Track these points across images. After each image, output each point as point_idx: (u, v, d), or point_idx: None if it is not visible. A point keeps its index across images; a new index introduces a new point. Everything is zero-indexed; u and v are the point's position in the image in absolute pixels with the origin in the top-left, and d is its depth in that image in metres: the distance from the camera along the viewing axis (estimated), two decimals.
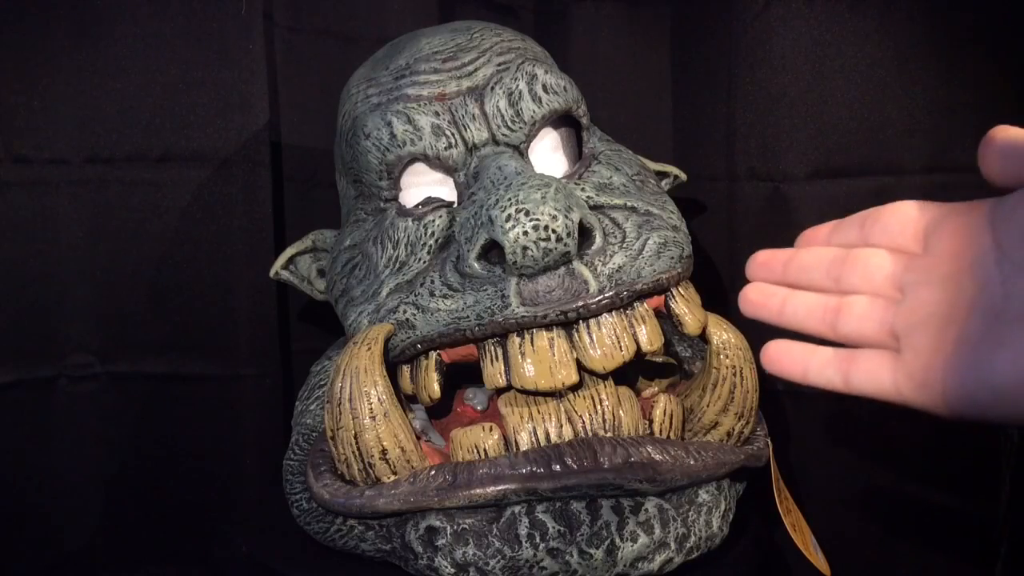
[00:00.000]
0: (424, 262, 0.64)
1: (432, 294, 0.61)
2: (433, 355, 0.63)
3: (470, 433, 0.59)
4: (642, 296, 0.61)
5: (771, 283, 0.48)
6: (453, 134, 0.66)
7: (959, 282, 0.38)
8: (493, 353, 0.61)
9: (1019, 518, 0.78)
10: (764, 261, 0.49)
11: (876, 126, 0.84)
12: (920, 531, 0.86)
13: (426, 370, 0.63)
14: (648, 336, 0.60)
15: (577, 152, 0.72)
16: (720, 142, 0.91)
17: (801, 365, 0.46)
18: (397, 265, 0.65)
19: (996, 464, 0.78)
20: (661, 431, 0.61)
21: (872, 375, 0.42)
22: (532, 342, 0.59)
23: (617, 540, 0.57)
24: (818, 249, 0.47)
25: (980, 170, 0.39)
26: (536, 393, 0.60)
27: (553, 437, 0.59)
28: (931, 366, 0.39)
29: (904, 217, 0.43)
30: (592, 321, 0.59)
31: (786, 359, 0.47)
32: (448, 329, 0.60)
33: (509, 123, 0.66)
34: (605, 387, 0.61)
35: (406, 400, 0.66)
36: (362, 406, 0.59)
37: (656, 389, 0.70)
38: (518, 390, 0.60)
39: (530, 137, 0.67)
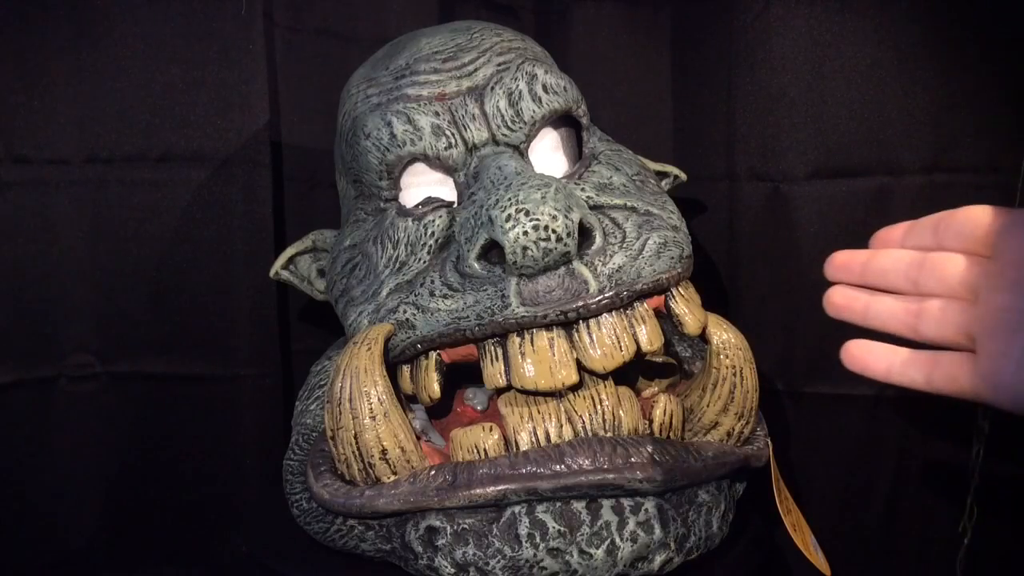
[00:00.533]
0: (424, 262, 0.64)
1: (432, 294, 0.61)
2: (433, 355, 0.63)
3: (470, 433, 0.59)
4: (642, 296, 0.61)
5: (850, 284, 0.51)
6: (453, 134, 0.66)
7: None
8: (493, 353, 0.61)
9: (986, 505, 0.78)
10: (843, 263, 0.51)
11: (876, 126, 0.84)
12: (919, 531, 0.86)
13: (426, 370, 0.63)
14: (648, 336, 0.60)
15: (577, 152, 0.72)
16: (720, 142, 0.91)
17: (885, 364, 0.49)
18: (397, 265, 0.65)
19: (995, 464, 0.78)
20: (661, 431, 0.61)
21: (952, 377, 0.45)
22: (532, 342, 0.59)
23: (617, 540, 0.57)
24: (895, 252, 0.49)
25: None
26: (536, 393, 0.60)
27: (553, 437, 0.59)
28: (1004, 369, 0.41)
29: (976, 222, 0.45)
30: (592, 321, 0.59)
31: (870, 358, 0.50)
32: (448, 329, 0.60)
33: (509, 123, 0.66)
34: (605, 387, 0.61)
35: (406, 400, 0.66)
36: (362, 406, 0.59)
37: (656, 389, 0.70)
38: (518, 390, 0.60)
39: (530, 137, 0.67)
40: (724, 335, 0.63)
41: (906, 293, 0.48)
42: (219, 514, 0.90)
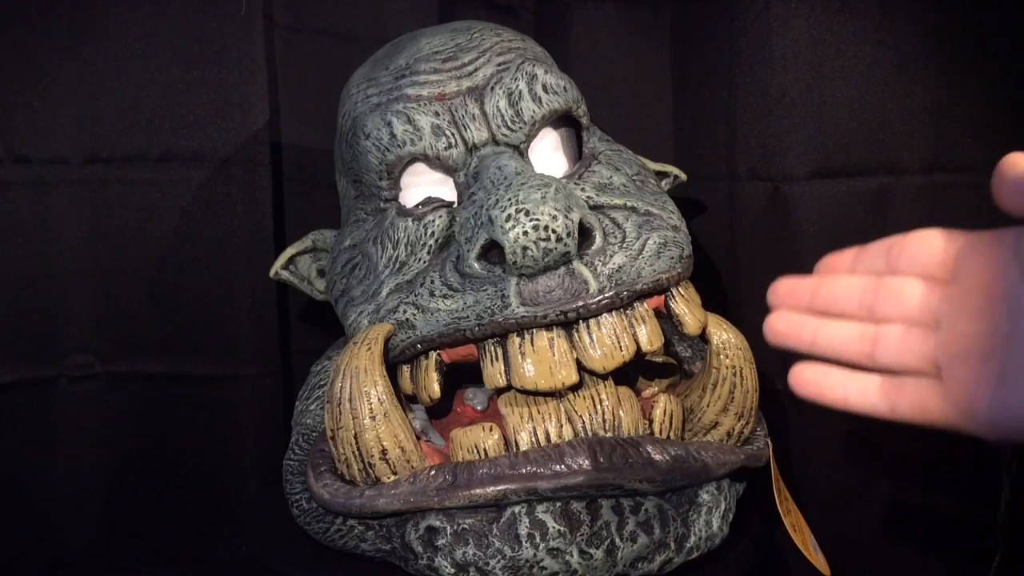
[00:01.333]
0: (424, 262, 0.64)
1: (432, 294, 0.61)
2: (433, 355, 0.63)
3: (470, 433, 0.59)
4: (642, 296, 0.61)
5: (797, 312, 0.47)
6: (453, 134, 0.66)
7: (993, 314, 0.39)
8: (493, 353, 0.61)
9: (1016, 527, 0.78)
10: (788, 290, 0.48)
11: (876, 126, 0.84)
12: (919, 531, 0.86)
13: (426, 370, 0.63)
14: (648, 336, 0.60)
15: (577, 152, 0.72)
16: (720, 142, 0.91)
17: (841, 392, 0.46)
18: (397, 265, 0.65)
19: (995, 465, 0.78)
20: (661, 431, 0.61)
21: (918, 404, 0.43)
22: (532, 342, 0.59)
23: (617, 540, 0.57)
24: (847, 278, 0.46)
25: (995, 200, 0.39)
26: (536, 393, 0.60)
27: (553, 437, 0.59)
28: (976, 397, 0.39)
29: (932, 247, 0.43)
30: (592, 321, 0.59)
31: (825, 384, 0.46)
32: (448, 329, 0.60)
33: (509, 123, 0.66)
34: (605, 387, 0.61)
35: (406, 400, 0.66)
36: (362, 406, 0.59)
37: (656, 389, 0.70)
38: (518, 390, 0.60)
39: (530, 137, 0.67)
40: (724, 335, 0.63)
41: (859, 319, 0.45)
42: (219, 514, 0.90)
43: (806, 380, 0.47)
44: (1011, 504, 0.75)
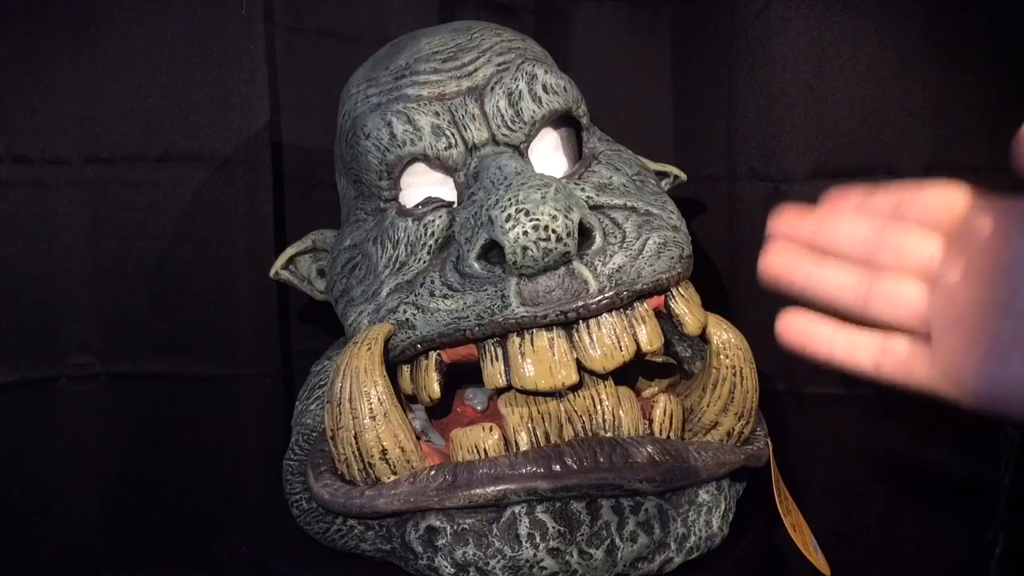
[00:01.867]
0: (424, 262, 0.64)
1: (432, 294, 0.61)
2: (433, 355, 0.63)
3: (470, 433, 0.59)
4: (642, 296, 0.61)
5: (796, 244, 0.45)
6: (453, 134, 0.66)
7: (993, 282, 0.38)
8: (493, 353, 0.61)
9: (1017, 517, 0.77)
10: (790, 222, 0.46)
11: (876, 126, 0.84)
12: (919, 531, 0.86)
13: (426, 370, 0.63)
14: (648, 336, 0.60)
15: (577, 152, 0.72)
16: (720, 142, 0.91)
17: (827, 344, 0.44)
18: (397, 265, 0.65)
19: (995, 464, 0.78)
20: (661, 431, 0.61)
21: (904, 365, 0.41)
22: (532, 342, 0.59)
23: (617, 540, 0.57)
24: (852, 218, 0.44)
25: (1015, 168, 0.37)
26: (536, 393, 0.60)
27: (553, 437, 0.59)
28: (963, 364, 0.38)
29: (945, 201, 0.41)
30: (592, 321, 0.59)
31: (812, 335, 0.44)
32: (448, 329, 0.60)
33: (509, 123, 0.66)
34: (605, 387, 0.61)
35: (406, 400, 0.66)
36: (362, 406, 0.59)
37: (656, 389, 0.70)
38: (518, 390, 0.60)
39: (530, 137, 0.67)
40: (724, 335, 0.63)
41: (858, 262, 0.43)
42: (219, 514, 0.90)
43: (794, 329, 0.45)
44: (1012, 484, 0.75)
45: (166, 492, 0.89)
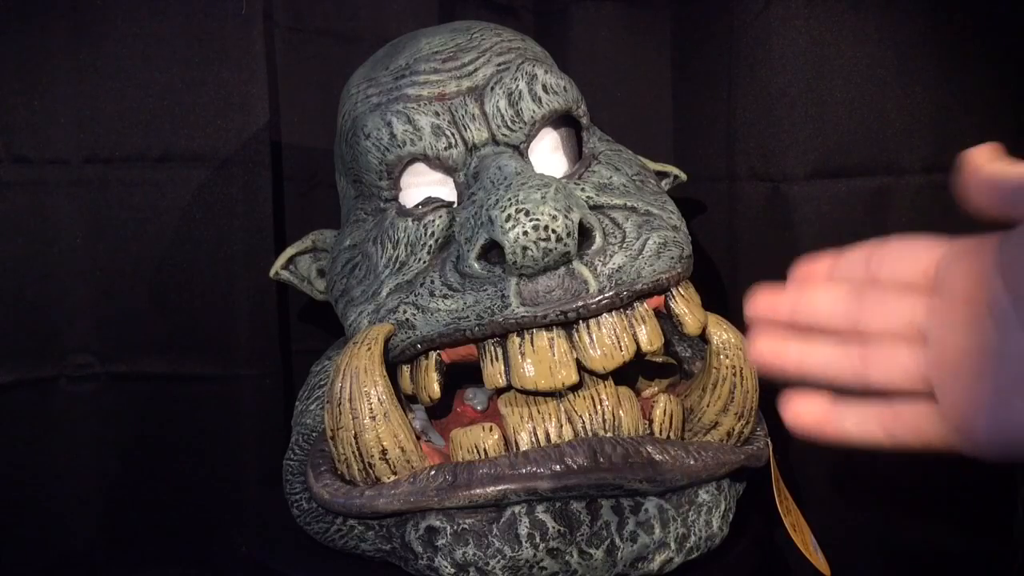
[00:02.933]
0: (424, 262, 0.64)
1: (432, 294, 0.61)
2: (433, 355, 0.63)
3: (470, 433, 0.59)
4: (642, 296, 0.61)
5: (779, 327, 0.44)
6: (453, 134, 0.66)
7: (980, 327, 0.36)
8: (493, 353, 0.61)
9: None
10: (767, 304, 0.44)
11: (876, 126, 0.84)
12: (920, 531, 0.86)
13: (426, 370, 0.63)
14: (648, 336, 0.60)
15: (577, 152, 0.72)
16: (720, 142, 0.91)
17: (837, 425, 0.42)
18: (397, 265, 0.65)
19: (995, 464, 0.78)
20: (661, 431, 0.61)
21: (916, 428, 0.40)
22: (532, 342, 0.59)
23: (617, 540, 0.57)
24: (827, 288, 0.43)
25: (959, 201, 0.37)
26: (536, 393, 0.60)
27: (553, 437, 0.59)
28: (972, 416, 0.37)
29: (912, 256, 0.40)
30: (592, 321, 0.59)
31: (821, 418, 0.43)
32: (448, 329, 0.60)
33: (509, 123, 0.66)
34: (605, 387, 0.61)
35: (406, 400, 0.66)
36: (362, 406, 0.59)
37: (656, 389, 0.70)
38: (518, 390, 0.60)
39: (530, 137, 0.67)
40: (724, 335, 0.63)
41: (843, 334, 0.41)
42: (219, 514, 0.90)
43: (800, 414, 0.43)
44: None
45: (166, 492, 0.89)
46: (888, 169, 0.84)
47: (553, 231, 0.57)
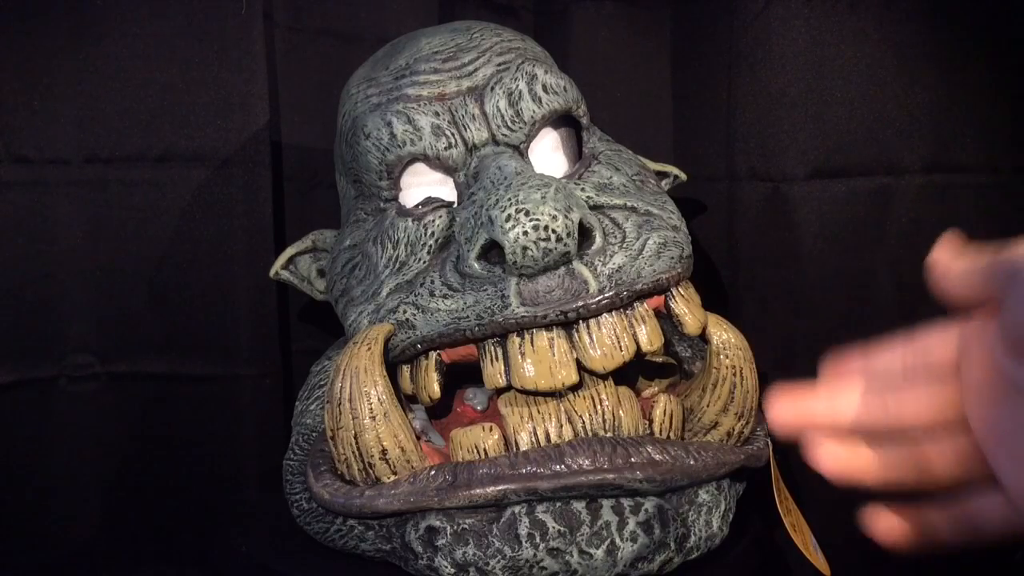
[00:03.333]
0: (424, 262, 0.64)
1: (432, 294, 0.61)
2: (433, 355, 0.63)
3: (470, 433, 0.59)
4: (642, 296, 0.61)
5: (831, 432, 0.44)
6: (453, 134, 0.66)
7: (1014, 406, 0.36)
8: (493, 353, 0.61)
9: None
10: (802, 409, 0.44)
11: (876, 126, 0.84)
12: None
13: (426, 370, 0.63)
14: (648, 336, 0.60)
15: (577, 152, 0.72)
16: (720, 142, 0.91)
17: (928, 535, 0.42)
18: (397, 265, 0.65)
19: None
20: (661, 431, 0.61)
21: (995, 517, 0.40)
22: (532, 342, 0.59)
23: (617, 540, 0.57)
24: (866, 387, 0.42)
25: (938, 299, 0.37)
26: (536, 393, 0.60)
27: (553, 437, 0.59)
28: None
29: (939, 347, 0.40)
30: (592, 321, 0.59)
31: (914, 531, 0.43)
32: (448, 329, 0.60)
33: (509, 123, 0.66)
34: (605, 387, 0.61)
35: (406, 400, 0.66)
36: (362, 406, 0.59)
37: (656, 389, 0.70)
38: (518, 390, 0.60)
39: (530, 137, 0.67)
40: (724, 335, 0.63)
41: (890, 436, 0.41)
42: (219, 514, 0.90)
43: (890, 532, 0.44)
44: None
45: (166, 492, 0.89)
46: (888, 169, 0.84)
47: (553, 231, 0.57)
